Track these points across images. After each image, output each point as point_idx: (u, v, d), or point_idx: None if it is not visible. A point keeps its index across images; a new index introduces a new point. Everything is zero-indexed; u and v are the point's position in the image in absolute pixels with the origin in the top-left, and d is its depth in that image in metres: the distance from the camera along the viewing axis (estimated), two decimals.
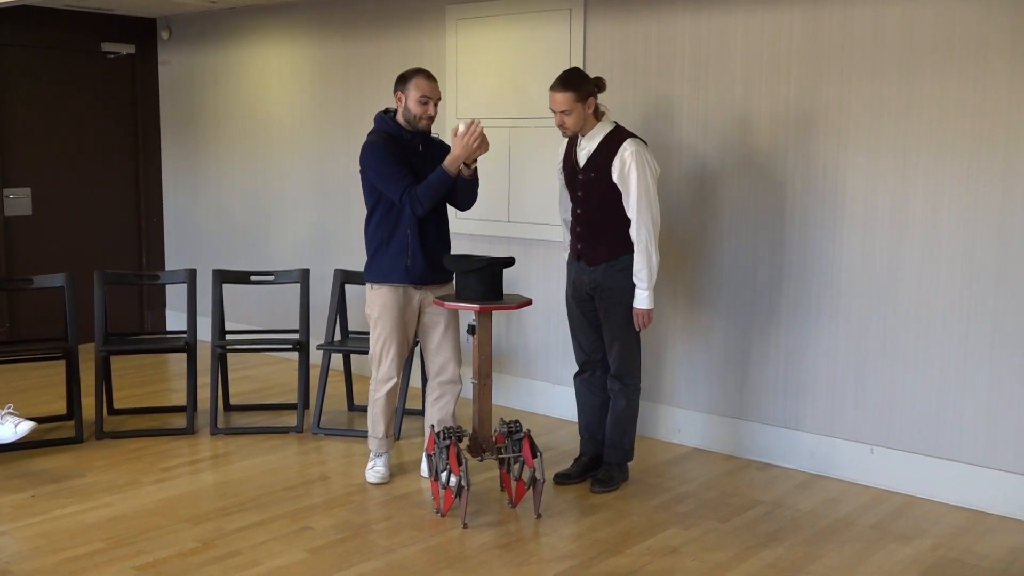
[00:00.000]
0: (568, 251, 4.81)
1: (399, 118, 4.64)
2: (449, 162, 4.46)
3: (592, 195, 4.52)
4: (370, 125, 4.71)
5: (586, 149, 4.52)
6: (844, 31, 4.66)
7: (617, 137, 4.47)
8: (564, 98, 4.41)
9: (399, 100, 4.61)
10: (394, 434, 4.91)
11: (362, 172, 4.64)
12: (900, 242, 4.60)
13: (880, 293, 4.68)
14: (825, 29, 4.71)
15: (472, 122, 4.42)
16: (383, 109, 4.73)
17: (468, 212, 4.84)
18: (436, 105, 4.61)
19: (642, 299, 4.48)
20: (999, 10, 4.24)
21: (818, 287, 4.86)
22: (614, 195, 4.46)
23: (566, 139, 4.66)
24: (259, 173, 7.49)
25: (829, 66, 4.72)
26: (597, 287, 4.57)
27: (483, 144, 4.46)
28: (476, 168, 4.60)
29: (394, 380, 4.72)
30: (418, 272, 4.62)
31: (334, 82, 6.87)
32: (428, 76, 4.61)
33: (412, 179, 4.50)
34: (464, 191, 4.63)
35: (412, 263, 4.60)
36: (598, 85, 4.51)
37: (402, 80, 4.62)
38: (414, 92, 4.56)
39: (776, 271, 4.98)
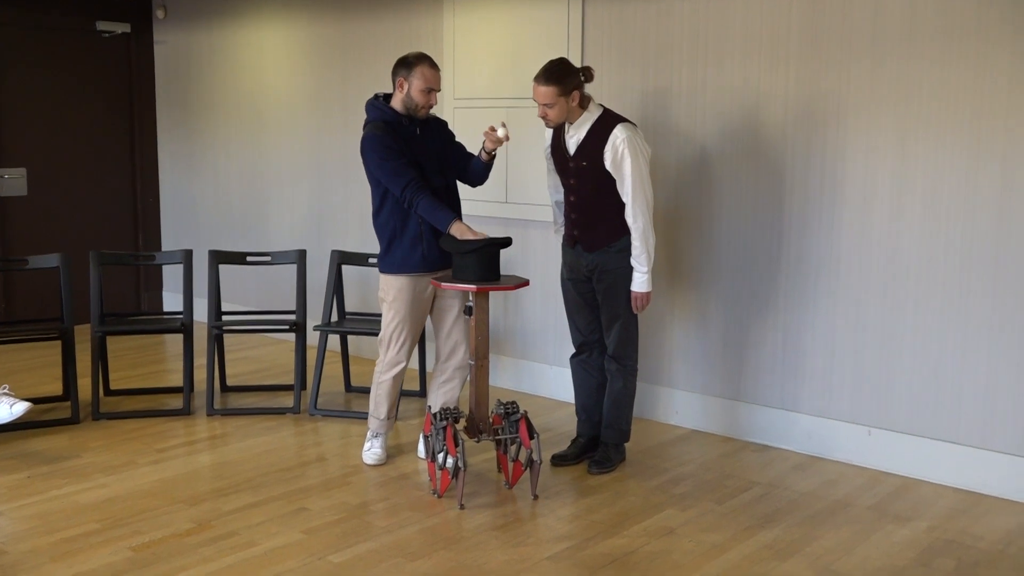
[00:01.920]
0: (560, 233, 4.78)
1: (395, 103, 4.54)
2: (456, 230, 4.35)
3: (585, 183, 4.49)
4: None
5: (575, 137, 4.47)
6: (844, 14, 4.62)
7: (606, 123, 4.41)
8: (547, 91, 4.35)
9: (400, 86, 4.50)
10: (394, 416, 4.90)
11: (365, 165, 4.54)
12: (899, 224, 4.58)
13: (878, 275, 4.66)
14: (825, 12, 4.68)
15: (505, 132, 4.56)
16: (373, 96, 4.63)
17: (465, 193, 4.82)
18: (438, 94, 4.56)
19: (640, 282, 4.47)
20: None
21: (816, 269, 4.84)
22: (608, 181, 4.42)
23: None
24: (256, 153, 7.46)
25: (829, 49, 4.68)
26: (596, 268, 4.55)
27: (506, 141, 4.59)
28: (495, 155, 4.64)
29: (403, 365, 4.71)
30: (434, 258, 4.57)
31: (331, 62, 6.83)
32: (433, 65, 4.51)
33: (415, 173, 4.44)
34: (479, 173, 4.70)
35: (428, 250, 4.55)
36: (585, 75, 4.43)
37: (405, 65, 4.50)
38: (418, 82, 4.47)
39: (775, 253, 4.96)
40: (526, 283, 4.50)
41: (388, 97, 4.60)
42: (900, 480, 4.60)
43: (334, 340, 6.20)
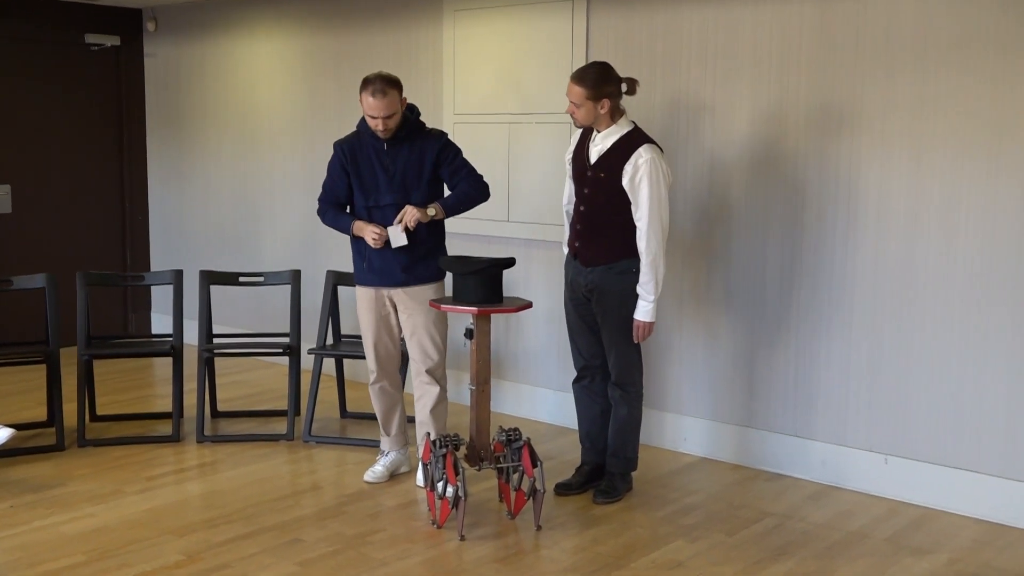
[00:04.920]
0: (566, 246, 4.72)
1: None
2: (355, 229, 4.62)
3: (599, 195, 4.44)
4: None
5: (599, 147, 4.42)
6: (857, 24, 4.58)
7: (633, 140, 4.37)
8: (576, 91, 4.34)
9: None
10: (397, 435, 4.93)
11: None
12: (915, 244, 4.53)
13: (894, 296, 4.60)
14: (837, 22, 4.63)
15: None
16: None
17: (466, 212, 4.78)
18: (389, 120, 4.46)
19: (645, 311, 4.41)
20: (1016, 3, 4.17)
21: (830, 290, 4.78)
22: (621, 199, 4.37)
23: (579, 130, 4.57)
24: (248, 170, 7.41)
25: (841, 61, 4.64)
26: (594, 289, 4.49)
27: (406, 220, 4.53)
28: (432, 214, 4.55)
29: (374, 375, 4.84)
30: (373, 275, 4.69)
31: (325, 76, 6.79)
32: (373, 92, 4.41)
33: (332, 192, 4.72)
34: (463, 210, 4.68)
35: (368, 265, 4.69)
36: (629, 87, 4.40)
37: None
38: (362, 106, 4.50)
39: (786, 273, 4.91)
40: (529, 305, 4.48)
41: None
42: (919, 511, 4.54)
43: (329, 364, 6.12)
